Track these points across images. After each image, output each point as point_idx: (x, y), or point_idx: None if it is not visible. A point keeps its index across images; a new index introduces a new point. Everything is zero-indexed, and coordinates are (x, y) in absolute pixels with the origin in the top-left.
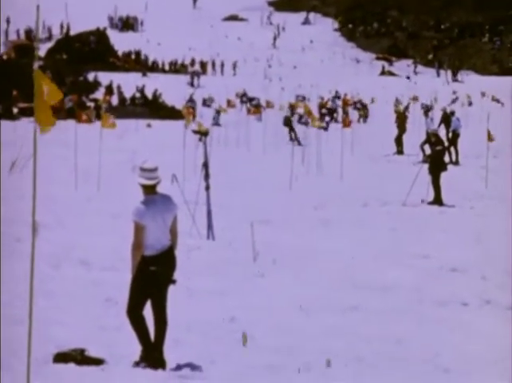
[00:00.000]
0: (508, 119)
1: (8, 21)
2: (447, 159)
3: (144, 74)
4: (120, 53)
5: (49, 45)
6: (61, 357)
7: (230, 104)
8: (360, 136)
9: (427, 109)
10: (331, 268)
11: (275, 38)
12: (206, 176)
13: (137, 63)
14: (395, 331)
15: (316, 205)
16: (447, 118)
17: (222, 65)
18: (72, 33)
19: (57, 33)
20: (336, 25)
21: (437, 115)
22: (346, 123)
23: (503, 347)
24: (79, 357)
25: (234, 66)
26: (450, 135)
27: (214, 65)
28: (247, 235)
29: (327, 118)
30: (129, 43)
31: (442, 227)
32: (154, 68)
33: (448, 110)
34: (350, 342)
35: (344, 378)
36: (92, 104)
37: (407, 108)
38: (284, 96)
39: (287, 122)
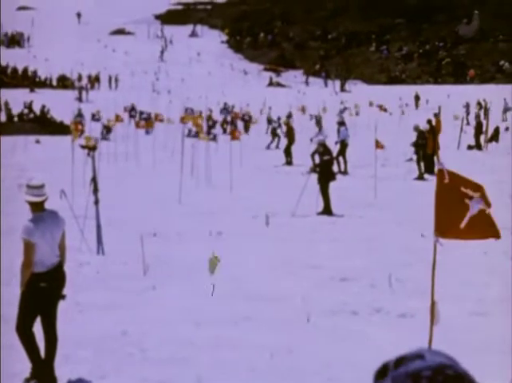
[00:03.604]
0: (395, 128)
1: None
2: (335, 168)
3: (32, 90)
4: (7, 69)
5: None
6: None
7: (118, 118)
8: (249, 147)
9: (315, 120)
10: (222, 280)
11: (162, 51)
12: (95, 191)
13: (25, 79)
14: (286, 341)
15: (206, 218)
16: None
17: (110, 79)
18: None
19: None
20: (224, 37)
21: (326, 125)
22: (234, 135)
23: (394, 355)
24: None
25: (116, 80)
26: (339, 145)
27: (98, 79)
28: (137, 249)
29: (215, 130)
30: (16, 59)
31: (331, 236)
32: (42, 83)
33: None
34: (243, 353)
35: None
36: None
37: (289, 117)
38: (172, 109)
39: (273, 131)
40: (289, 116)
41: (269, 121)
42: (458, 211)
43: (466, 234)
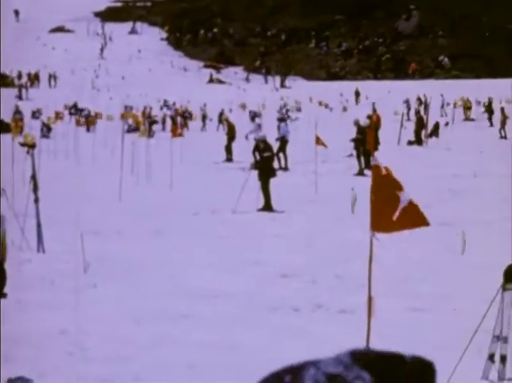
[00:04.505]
0: (336, 123)
1: None
2: (276, 165)
3: None
4: None
5: None
6: None
7: (58, 116)
8: (190, 144)
9: (254, 116)
10: (163, 277)
11: (102, 49)
12: (35, 189)
13: None
14: (228, 338)
15: (146, 215)
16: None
17: (50, 77)
18: None
19: None
20: (164, 34)
21: (267, 121)
22: (175, 132)
23: (335, 351)
24: None
25: (55, 77)
26: (279, 141)
27: (37, 77)
28: (77, 247)
29: (154, 127)
30: None
31: (272, 232)
32: None
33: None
34: (183, 350)
35: None
36: None
37: (221, 114)
38: (112, 106)
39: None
40: (222, 113)
41: (204, 118)
42: (391, 204)
43: (399, 225)
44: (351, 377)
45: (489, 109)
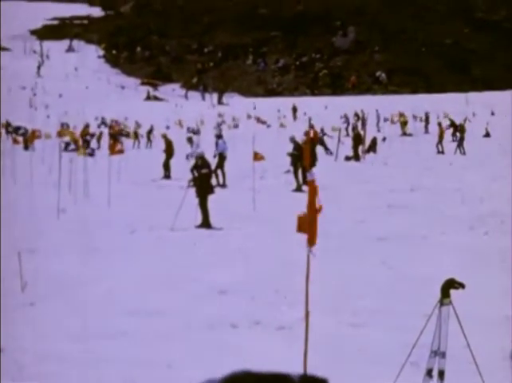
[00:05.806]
0: (274, 139)
1: None
2: (214, 181)
3: None
4: None
5: None
6: None
7: None
8: (127, 162)
9: (193, 133)
10: (100, 295)
11: (39, 66)
12: None
13: None
14: (165, 356)
15: (84, 233)
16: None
17: None
18: None
19: None
20: (101, 52)
21: (206, 139)
22: (114, 149)
23: (273, 368)
24: None
25: None
26: (217, 158)
27: None
28: (15, 265)
29: (91, 145)
30: None
31: (210, 249)
32: None
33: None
34: (121, 368)
35: None
36: None
37: (150, 132)
38: (50, 124)
39: (321, 141)
40: (150, 131)
41: (136, 136)
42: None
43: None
44: None
45: (453, 125)
